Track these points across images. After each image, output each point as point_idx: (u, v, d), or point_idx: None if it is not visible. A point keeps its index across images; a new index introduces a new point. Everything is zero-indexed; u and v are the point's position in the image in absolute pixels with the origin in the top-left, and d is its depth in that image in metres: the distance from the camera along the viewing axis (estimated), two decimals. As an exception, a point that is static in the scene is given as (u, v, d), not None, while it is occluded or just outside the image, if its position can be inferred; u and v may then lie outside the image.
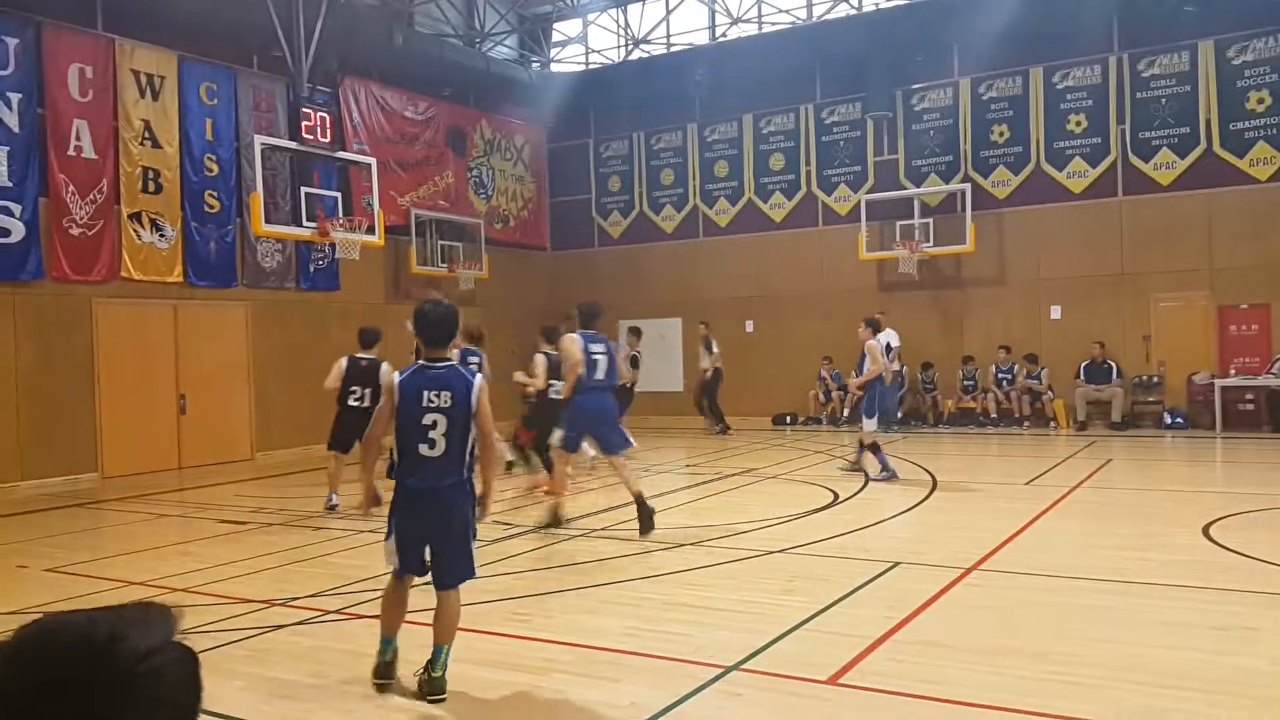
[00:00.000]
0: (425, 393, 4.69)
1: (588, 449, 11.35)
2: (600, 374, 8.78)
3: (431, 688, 4.64)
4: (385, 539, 4.90)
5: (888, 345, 17.36)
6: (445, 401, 4.68)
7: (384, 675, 4.83)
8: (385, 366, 9.29)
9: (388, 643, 4.89)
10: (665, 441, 15.61)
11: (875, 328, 11.93)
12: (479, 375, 4.85)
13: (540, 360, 10.87)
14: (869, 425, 11.60)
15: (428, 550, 4.83)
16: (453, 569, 4.82)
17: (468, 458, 4.76)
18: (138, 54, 14.40)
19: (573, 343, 8.88)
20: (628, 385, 14.75)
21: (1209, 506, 9.19)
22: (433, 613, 4.80)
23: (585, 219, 22.45)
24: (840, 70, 19.18)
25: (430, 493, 4.72)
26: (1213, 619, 5.57)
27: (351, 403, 10.22)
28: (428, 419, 4.67)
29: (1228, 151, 16.32)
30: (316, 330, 16.81)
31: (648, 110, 21.23)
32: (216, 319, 15.52)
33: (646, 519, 8.31)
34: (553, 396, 10.13)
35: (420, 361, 4.88)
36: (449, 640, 4.76)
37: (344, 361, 10.36)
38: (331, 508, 10.22)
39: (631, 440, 9.09)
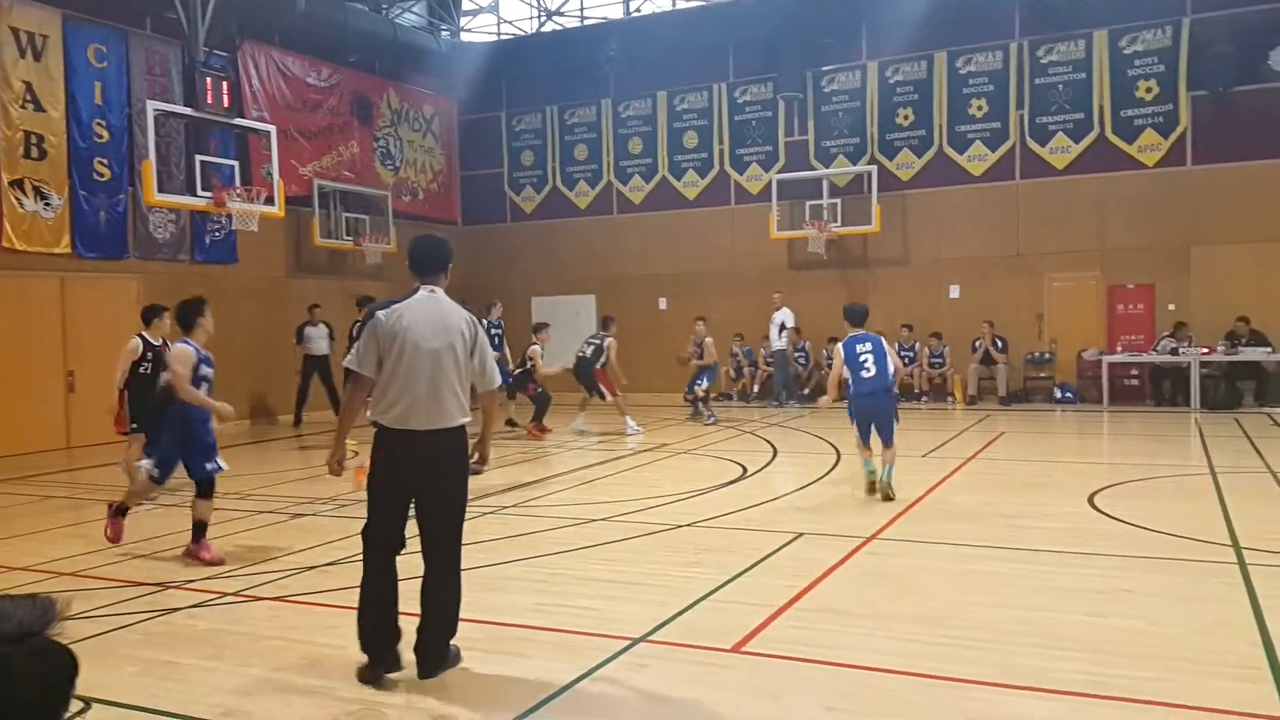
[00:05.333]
0: (857, 345, 8.79)
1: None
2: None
3: (886, 491, 8.57)
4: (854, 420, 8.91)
5: (782, 324, 17.75)
6: (869, 348, 8.75)
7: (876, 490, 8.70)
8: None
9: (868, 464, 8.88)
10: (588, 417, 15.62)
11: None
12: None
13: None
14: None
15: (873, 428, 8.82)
16: (888, 434, 8.75)
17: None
18: (16, 11, 13.70)
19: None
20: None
21: (1094, 476, 9.59)
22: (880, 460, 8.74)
23: (497, 193, 22.22)
24: (753, 50, 19.33)
25: (871, 396, 8.72)
26: (1095, 583, 5.84)
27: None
28: (863, 358, 8.70)
29: (1118, 137, 16.95)
30: (213, 304, 16.21)
31: (561, 84, 21.08)
32: (107, 292, 14.94)
33: None
34: None
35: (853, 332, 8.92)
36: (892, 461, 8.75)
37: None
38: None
39: None
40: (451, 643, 4.67)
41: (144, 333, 9.90)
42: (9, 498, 10.34)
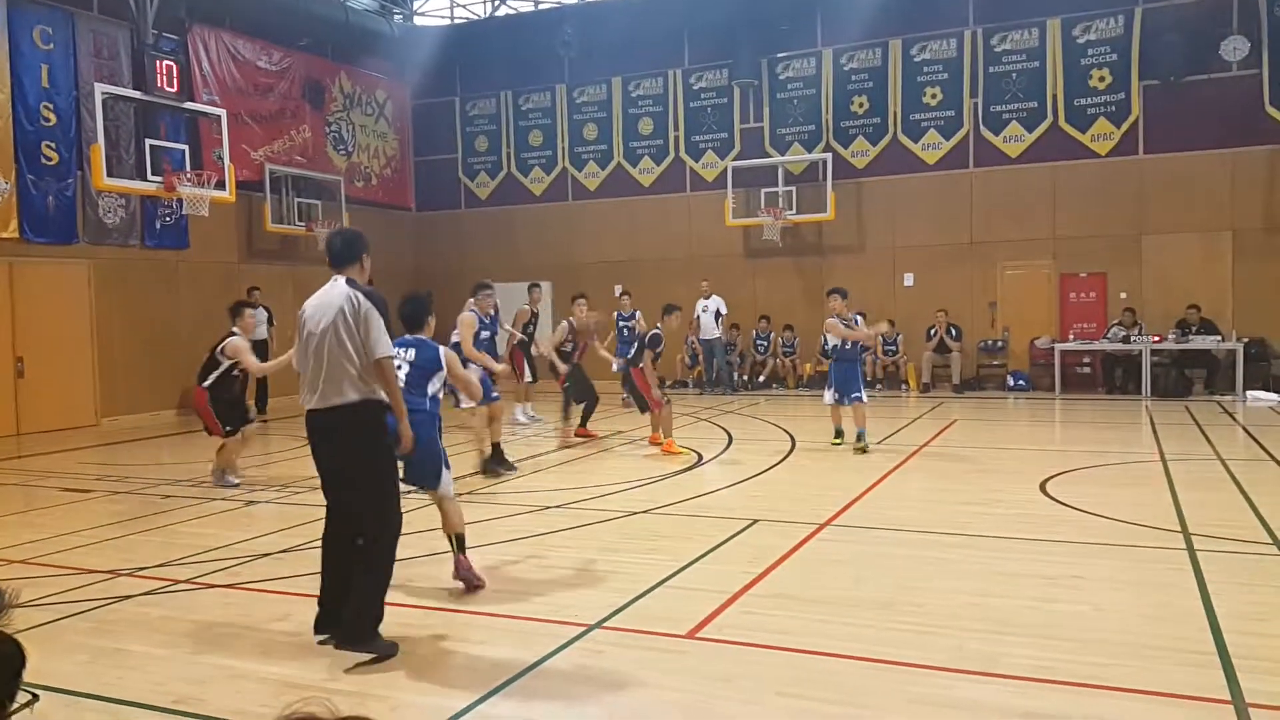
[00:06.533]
0: None
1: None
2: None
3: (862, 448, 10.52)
4: (828, 390, 11.07)
5: (717, 312, 17.80)
6: None
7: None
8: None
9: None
10: (537, 405, 15.58)
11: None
12: None
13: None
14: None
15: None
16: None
17: None
18: (-39, -9, 13.35)
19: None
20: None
21: (1046, 464, 9.73)
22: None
23: (452, 179, 22.04)
24: (708, 36, 19.31)
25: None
26: (1045, 569, 5.93)
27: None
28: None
29: (1071, 126, 17.17)
30: (164, 290, 16.09)
31: (516, 69, 20.93)
32: (56, 277, 14.67)
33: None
34: None
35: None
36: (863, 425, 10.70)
37: None
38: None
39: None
40: (379, 632, 4.74)
41: (236, 329, 9.61)
42: (-48, 488, 10.11)
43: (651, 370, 11.18)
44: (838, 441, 11.16)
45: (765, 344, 18.92)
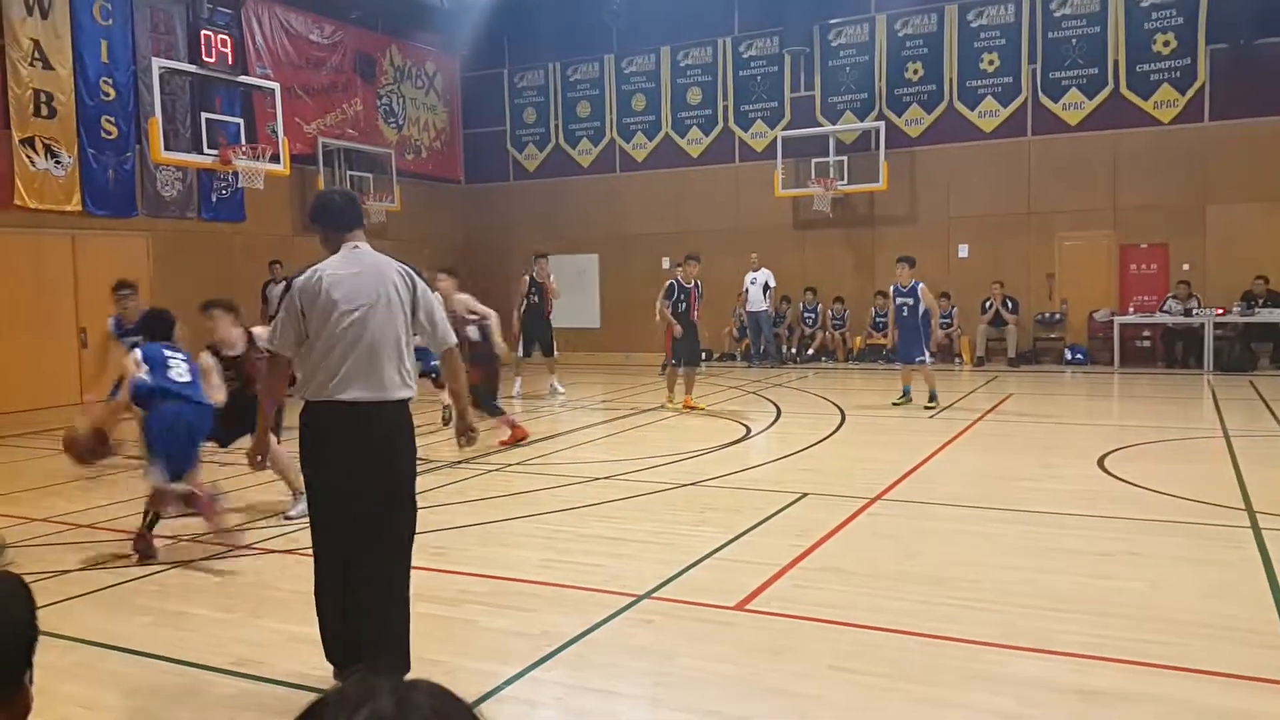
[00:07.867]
0: None
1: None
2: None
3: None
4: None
5: (765, 285, 17.64)
6: None
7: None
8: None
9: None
10: (583, 377, 15.68)
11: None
12: None
13: None
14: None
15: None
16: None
17: None
18: (23, -33, 13.57)
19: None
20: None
21: (1104, 439, 9.56)
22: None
23: (500, 151, 22.06)
24: (758, 3, 19.04)
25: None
26: (1102, 545, 5.83)
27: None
28: None
29: (1133, 93, 16.70)
30: (221, 262, 16.32)
31: (564, 40, 20.82)
32: (116, 250, 14.93)
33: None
34: None
35: None
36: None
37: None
38: None
39: None
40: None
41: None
42: (24, 452, 10.43)
43: (666, 315, 12.18)
44: (901, 400, 12.24)
45: (813, 316, 18.76)
